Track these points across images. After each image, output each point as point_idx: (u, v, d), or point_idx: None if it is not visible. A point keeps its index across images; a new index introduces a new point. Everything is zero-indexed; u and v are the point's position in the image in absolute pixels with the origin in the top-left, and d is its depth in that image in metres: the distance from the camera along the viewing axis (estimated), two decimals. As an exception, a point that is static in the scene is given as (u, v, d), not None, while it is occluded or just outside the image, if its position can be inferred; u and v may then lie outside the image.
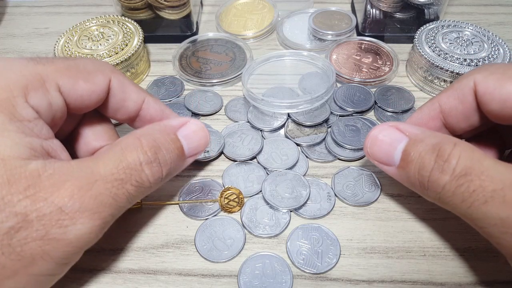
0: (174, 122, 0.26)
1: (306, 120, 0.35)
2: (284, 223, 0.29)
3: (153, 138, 0.24)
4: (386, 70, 0.40)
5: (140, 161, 0.22)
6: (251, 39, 0.45)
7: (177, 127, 0.25)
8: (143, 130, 0.24)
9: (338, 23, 0.44)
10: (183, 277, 0.27)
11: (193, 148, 0.26)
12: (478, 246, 0.28)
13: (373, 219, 0.30)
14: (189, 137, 0.26)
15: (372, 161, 0.25)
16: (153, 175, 0.23)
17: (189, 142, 0.25)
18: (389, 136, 0.24)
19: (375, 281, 0.27)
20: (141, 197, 0.24)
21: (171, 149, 0.24)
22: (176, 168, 0.25)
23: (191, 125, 0.26)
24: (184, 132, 0.25)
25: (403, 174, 0.24)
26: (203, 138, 0.26)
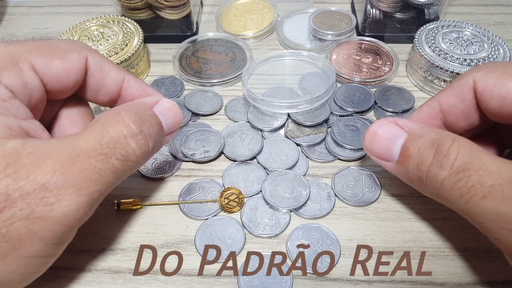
0: (148, 100, 0.25)
1: (306, 120, 0.35)
2: (284, 223, 0.29)
3: (134, 111, 0.23)
4: (386, 70, 0.40)
5: (124, 134, 0.22)
6: (251, 39, 0.45)
7: (152, 104, 0.25)
8: (120, 107, 0.24)
9: (338, 23, 0.44)
10: (183, 277, 0.27)
11: (170, 124, 0.26)
12: (478, 246, 0.28)
13: (373, 219, 0.30)
14: (165, 113, 0.25)
15: (371, 157, 0.25)
16: (140, 148, 0.23)
17: (165, 118, 0.25)
18: (389, 131, 0.24)
19: (375, 281, 0.27)
20: (129, 172, 0.23)
21: (153, 123, 0.24)
22: (158, 144, 0.25)
23: (165, 103, 0.26)
24: (159, 109, 0.25)
25: (402, 170, 0.24)
26: (177, 115, 0.26)
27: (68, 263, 0.28)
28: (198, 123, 0.37)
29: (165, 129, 0.25)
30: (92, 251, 0.29)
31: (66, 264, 0.28)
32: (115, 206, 0.30)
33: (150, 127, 0.23)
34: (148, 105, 0.25)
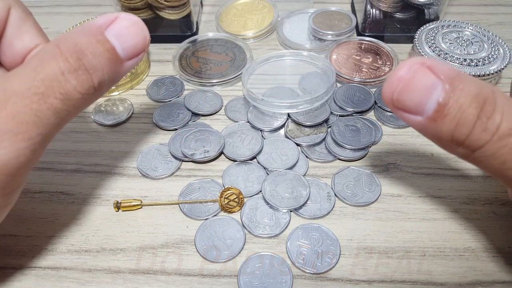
0: (100, 21, 0.21)
1: (306, 120, 0.35)
2: (284, 223, 0.29)
3: (74, 42, 0.20)
4: (386, 70, 0.40)
5: (62, 70, 0.20)
6: (251, 39, 0.45)
7: (104, 26, 0.21)
8: (63, 36, 0.21)
9: (338, 23, 0.44)
10: (183, 277, 0.27)
11: (130, 48, 0.22)
12: (478, 246, 0.28)
13: (373, 219, 0.30)
14: (122, 35, 0.21)
15: (392, 109, 0.21)
16: (82, 85, 0.20)
17: (122, 41, 0.21)
18: (424, 80, 0.19)
19: (375, 281, 0.27)
20: (77, 111, 0.21)
21: (99, 52, 0.21)
22: (113, 75, 0.22)
23: (122, 21, 0.22)
24: (113, 31, 0.21)
25: (432, 127, 0.20)
26: (140, 33, 0.22)
27: (68, 263, 0.28)
28: (198, 123, 0.37)
29: (123, 54, 0.22)
30: (92, 251, 0.29)
31: (66, 264, 0.28)
32: (115, 206, 0.30)
33: (94, 58, 0.20)
34: (97, 28, 0.21)
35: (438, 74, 0.19)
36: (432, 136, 0.21)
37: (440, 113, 0.19)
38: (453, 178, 0.32)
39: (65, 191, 0.32)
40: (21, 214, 0.31)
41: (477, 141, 0.19)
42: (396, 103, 0.20)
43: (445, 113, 0.19)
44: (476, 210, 0.30)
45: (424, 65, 0.20)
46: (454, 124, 0.19)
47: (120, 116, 0.37)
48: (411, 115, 0.20)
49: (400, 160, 0.33)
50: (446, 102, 0.19)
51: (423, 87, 0.19)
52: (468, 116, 0.19)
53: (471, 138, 0.19)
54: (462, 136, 0.19)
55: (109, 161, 0.34)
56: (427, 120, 0.20)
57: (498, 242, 0.28)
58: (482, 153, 0.19)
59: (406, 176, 0.32)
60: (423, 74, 0.19)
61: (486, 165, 0.20)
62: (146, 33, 0.22)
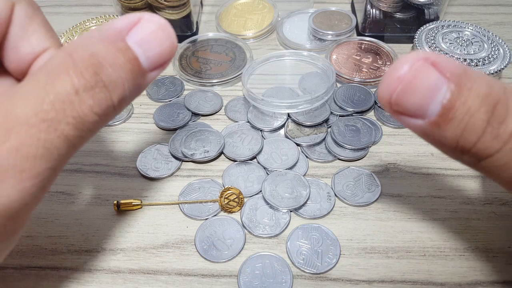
0: (120, 24, 0.18)
1: (306, 120, 0.35)
2: (284, 223, 0.29)
3: (90, 51, 0.17)
4: (386, 70, 0.40)
5: (76, 88, 0.16)
6: (251, 39, 0.45)
7: (125, 30, 0.17)
8: (76, 42, 0.17)
9: (338, 23, 0.44)
10: (183, 277, 0.27)
11: (155, 57, 0.18)
12: (478, 246, 0.28)
13: (373, 219, 0.30)
14: (146, 41, 0.18)
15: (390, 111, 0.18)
16: (99, 105, 0.17)
17: (146, 49, 0.18)
18: (427, 79, 0.17)
19: (375, 281, 0.27)
20: (90, 136, 0.18)
21: (120, 63, 0.17)
22: (134, 89, 0.18)
23: (146, 24, 0.18)
24: (137, 36, 0.18)
25: (436, 132, 0.17)
26: (167, 39, 0.18)
27: (68, 263, 0.28)
28: (198, 123, 0.37)
29: (147, 64, 0.18)
30: (92, 251, 0.29)
31: (66, 264, 0.28)
32: (115, 206, 0.30)
33: (114, 71, 0.17)
34: (117, 33, 0.17)
35: (443, 71, 0.17)
36: (435, 142, 0.18)
37: (444, 117, 0.17)
38: (453, 178, 0.32)
39: (65, 191, 0.32)
40: (21, 214, 0.31)
41: (486, 150, 0.17)
42: (395, 106, 0.18)
43: (450, 117, 0.17)
44: (476, 210, 0.30)
45: (428, 61, 0.17)
46: (460, 129, 0.17)
47: (120, 116, 0.37)
48: (412, 119, 0.18)
49: (400, 160, 0.33)
50: (451, 105, 0.17)
51: (426, 88, 0.17)
52: (476, 121, 0.16)
53: (479, 146, 0.17)
54: (469, 144, 0.17)
55: (109, 161, 0.34)
56: (429, 125, 0.17)
57: (498, 242, 0.28)
58: (492, 162, 0.17)
59: (406, 176, 0.32)
60: (426, 72, 0.17)
61: (495, 175, 0.18)
62: (173, 38, 0.18)
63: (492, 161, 0.17)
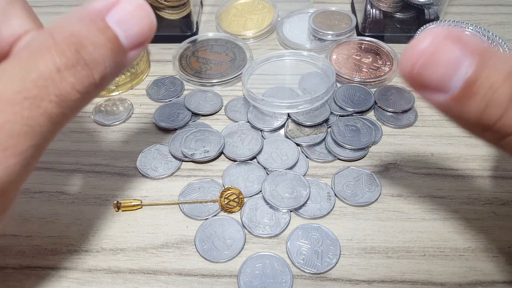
0: (99, 4, 0.18)
1: (306, 120, 0.35)
2: (284, 223, 0.29)
3: (70, 31, 0.17)
4: (386, 70, 0.40)
5: (57, 67, 0.16)
6: (251, 39, 0.45)
7: (104, 10, 0.18)
8: (57, 23, 0.17)
9: (338, 23, 0.44)
10: (183, 277, 0.27)
11: (134, 35, 0.19)
12: (478, 246, 0.28)
13: (373, 219, 0.30)
14: (125, 21, 0.18)
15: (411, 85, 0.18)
16: (81, 82, 0.17)
17: (126, 28, 0.18)
18: (450, 53, 0.17)
19: (375, 281, 0.27)
20: (74, 114, 0.18)
21: (101, 42, 0.17)
22: (115, 67, 0.19)
23: (125, 4, 0.18)
24: (116, 16, 0.18)
25: (457, 108, 0.17)
26: (145, 18, 0.19)
27: (68, 263, 0.28)
28: (198, 123, 0.37)
29: (127, 43, 0.18)
30: (92, 251, 0.29)
31: (66, 264, 0.28)
32: (115, 206, 0.30)
33: (95, 49, 0.17)
34: (97, 13, 0.18)
35: (466, 46, 0.17)
36: (456, 118, 0.18)
37: (467, 92, 0.16)
38: (453, 178, 0.32)
39: (65, 191, 0.32)
40: (21, 214, 0.31)
41: (510, 126, 0.16)
42: (417, 79, 0.17)
43: (473, 91, 0.16)
44: (476, 210, 0.30)
45: (449, 38, 0.17)
46: (483, 105, 0.16)
47: (120, 116, 0.37)
48: (433, 93, 0.17)
49: (400, 160, 0.33)
50: (474, 79, 0.16)
51: (448, 61, 0.17)
52: (500, 97, 0.16)
53: (502, 122, 0.16)
54: (492, 120, 0.17)
55: (109, 161, 0.34)
56: (451, 99, 0.17)
57: (498, 242, 0.28)
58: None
59: (406, 176, 0.32)
60: (448, 46, 0.17)
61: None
62: (152, 17, 0.19)
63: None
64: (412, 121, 0.36)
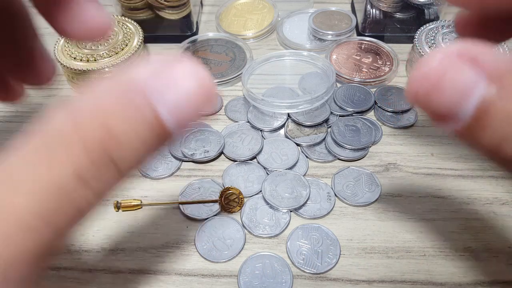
0: (145, 75, 0.13)
1: (306, 120, 0.35)
2: (284, 223, 0.29)
3: (102, 119, 0.12)
4: (386, 70, 0.40)
5: (78, 173, 0.12)
6: (251, 39, 0.45)
7: (154, 88, 0.13)
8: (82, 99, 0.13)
9: (338, 23, 0.44)
10: (183, 277, 0.27)
11: (187, 120, 0.14)
12: (478, 246, 0.28)
13: (373, 219, 0.30)
14: (180, 107, 0.13)
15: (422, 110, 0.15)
16: (105, 186, 0.13)
17: (179, 116, 0.13)
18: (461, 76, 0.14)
19: (375, 281, 0.27)
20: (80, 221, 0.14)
21: (140, 135, 0.13)
22: (151, 156, 0.14)
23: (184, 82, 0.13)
24: (169, 100, 0.13)
25: (469, 138, 0.15)
26: (207, 100, 0.14)
27: (68, 263, 0.28)
28: (198, 123, 0.37)
29: (175, 129, 0.13)
30: (92, 251, 0.29)
31: (66, 264, 0.28)
32: (115, 206, 0.30)
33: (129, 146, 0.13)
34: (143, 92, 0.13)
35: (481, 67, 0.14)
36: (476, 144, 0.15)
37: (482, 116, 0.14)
38: (453, 178, 0.32)
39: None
40: (21, 214, 0.30)
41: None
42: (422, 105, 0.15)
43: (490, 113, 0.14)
44: (476, 210, 0.30)
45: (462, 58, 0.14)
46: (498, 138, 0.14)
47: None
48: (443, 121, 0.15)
49: (400, 160, 0.33)
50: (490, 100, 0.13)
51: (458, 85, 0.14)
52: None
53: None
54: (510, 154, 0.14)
55: (109, 161, 0.34)
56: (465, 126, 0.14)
57: (498, 242, 0.28)
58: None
59: (406, 176, 0.32)
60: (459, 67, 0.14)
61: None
62: (214, 94, 0.14)
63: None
64: (412, 121, 0.36)
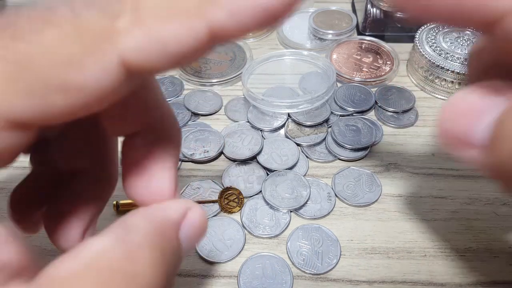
0: (175, 212, 0.16)
1: (306, 120, 0.35)
2: (284, 224, 0.29)
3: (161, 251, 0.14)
4: (386, 69, 0.40)
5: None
6: (251, 38, 0.45)
7: (178, 222, 0.16)
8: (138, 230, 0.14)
9: (338, 22, 0.44)
10: (183, 277, 0.27)
11: (190, 245, 0.17)
12: (478, 246, 0.28)
13: (374, 219, 0.30)
14: (190, 235, 0.16)
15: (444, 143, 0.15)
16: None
17: (188, 241, 0.16)
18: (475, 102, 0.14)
19: (375, 282, 0.26)
20: None
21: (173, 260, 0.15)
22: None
23: (195, 217, 0.17)
24: (187, 230, 0.16)
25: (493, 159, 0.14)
26: (204, 230, 0.17)
27: (68, 263, 0.28)
28: (198, 123, 0.36)
29: (184, 252, 0.16)
30: (91, 251, 0.28)
31: (65, 264, 0.28)
32: (115, 207, 0.30)
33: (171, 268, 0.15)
34: (173, 225, 0.16)
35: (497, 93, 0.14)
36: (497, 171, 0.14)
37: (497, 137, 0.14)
38: (454, 178, 0.32)
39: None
40: (20, 215, 0.30)
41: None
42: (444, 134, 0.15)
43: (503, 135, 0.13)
44: (477, 210, 0.30)
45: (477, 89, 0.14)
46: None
47: (119, 116, 0.37)
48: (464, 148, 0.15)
49: (400, 160, 0.33)
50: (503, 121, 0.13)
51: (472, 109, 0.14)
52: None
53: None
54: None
55: (109, 161, 0.34)
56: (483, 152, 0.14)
57: (499, 243, 0.28)
58: None
59: (406, 176, 0.32)
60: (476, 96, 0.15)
61: None
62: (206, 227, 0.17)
63: None
64: (412, 121, 0.36)
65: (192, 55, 0.12)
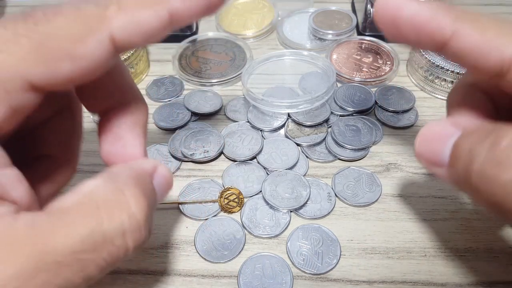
0: (148, 165, 0.20)
1: (306, 120, 0.35)
2: (284, 224, 0.29)
3: (142, 189, 0.17)
4: (386, 69, 0.40)
5: (123, 229, 0.16)
6: (251, 38, 0.45)
7: (152, 173, 0.20)
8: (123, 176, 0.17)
9: (338, 22, 0.44)
10: (183, 277, 0.27)
11: (161, 198, 0.20)
12: (478, 246, 0.28)
13: (374, 219, 0.30)
14: (161, 185, 0.20)
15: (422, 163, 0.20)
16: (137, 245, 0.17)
17: (160, 189, 0.20)
18: (441, 130, 0.19)
19: (375, 282, 0.26)
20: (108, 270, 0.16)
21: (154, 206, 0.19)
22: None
23: (163, 170, 0.20)
24: (157, 180, 0.20)
25: (454, 175, 0.18)
26: (171, 184, 0.21)
27: (68, 263, 0.28)
28: (198, 123, 0.36)
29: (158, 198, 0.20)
30: (91, 251, 0.28)
31: (65, 264, 0.28)
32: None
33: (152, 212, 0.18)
34: (148, 173, 0.19)
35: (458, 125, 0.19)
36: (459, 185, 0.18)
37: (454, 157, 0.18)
38: (454, 178, 0.32)
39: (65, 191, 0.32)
40: (20, 215, 0.30)
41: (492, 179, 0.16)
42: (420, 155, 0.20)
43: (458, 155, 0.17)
44: (477, 210, 0.30)
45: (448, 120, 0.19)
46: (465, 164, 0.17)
47: (119, 116, 0.37)
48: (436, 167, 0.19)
49: (401, 160, 0.33)
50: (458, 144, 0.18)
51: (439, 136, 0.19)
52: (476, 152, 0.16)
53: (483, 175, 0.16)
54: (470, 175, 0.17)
55: (109, 161, 0.34)
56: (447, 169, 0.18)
57: (499, 243, 0.28)
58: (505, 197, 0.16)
59: (407, 176, 0.32)
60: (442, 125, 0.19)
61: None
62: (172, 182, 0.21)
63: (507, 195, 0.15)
64: (412, 121, 0.36)
65: (159, 32, 0.17)
